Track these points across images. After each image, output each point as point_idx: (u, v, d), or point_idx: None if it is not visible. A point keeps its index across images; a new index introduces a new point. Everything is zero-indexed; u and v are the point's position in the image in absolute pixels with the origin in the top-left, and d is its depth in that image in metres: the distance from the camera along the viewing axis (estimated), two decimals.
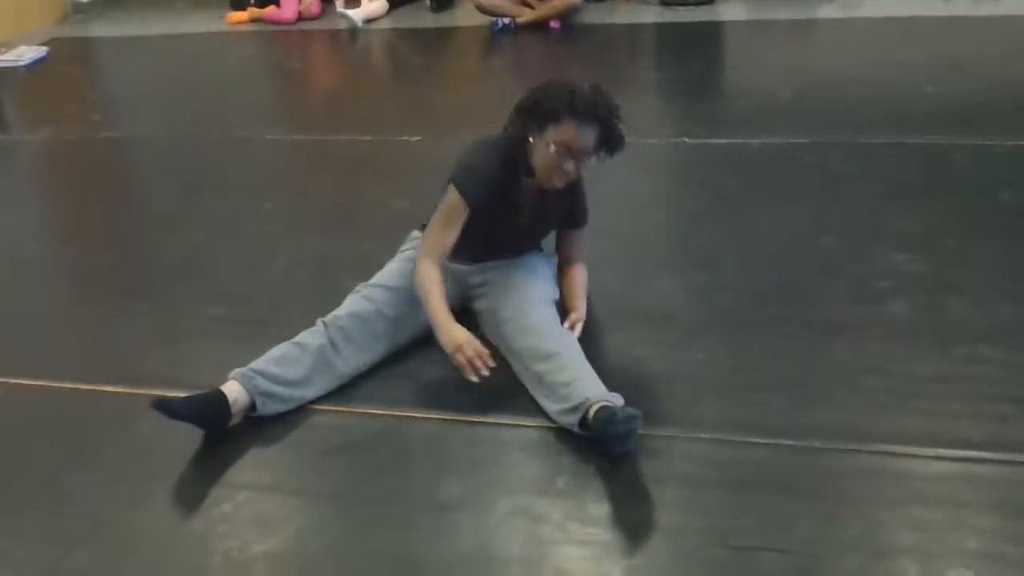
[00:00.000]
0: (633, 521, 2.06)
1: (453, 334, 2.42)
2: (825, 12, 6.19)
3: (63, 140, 4.83)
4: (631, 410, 2.18)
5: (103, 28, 7.25)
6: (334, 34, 6.58)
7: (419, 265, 2.55)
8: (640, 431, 2.19)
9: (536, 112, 2.49)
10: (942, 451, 2.16)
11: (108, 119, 5.13)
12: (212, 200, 3.94)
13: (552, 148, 2.45)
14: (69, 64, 6.45)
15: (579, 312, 2.66)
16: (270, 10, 6.86)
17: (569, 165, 2.48)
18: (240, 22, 6.91)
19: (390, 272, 2.73)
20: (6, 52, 6.40)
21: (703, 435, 2.28)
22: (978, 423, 2.25)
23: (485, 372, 2.38)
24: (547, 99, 2.47)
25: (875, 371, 2.47)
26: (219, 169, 4.32)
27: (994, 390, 2.37)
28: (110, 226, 3.78)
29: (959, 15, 5.82)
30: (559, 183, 2.53)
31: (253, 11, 6.93)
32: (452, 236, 2.55)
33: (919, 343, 2.58)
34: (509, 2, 6.17)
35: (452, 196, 2.54)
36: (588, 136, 2.46)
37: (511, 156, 2.57)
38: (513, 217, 2.64)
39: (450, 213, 2.55)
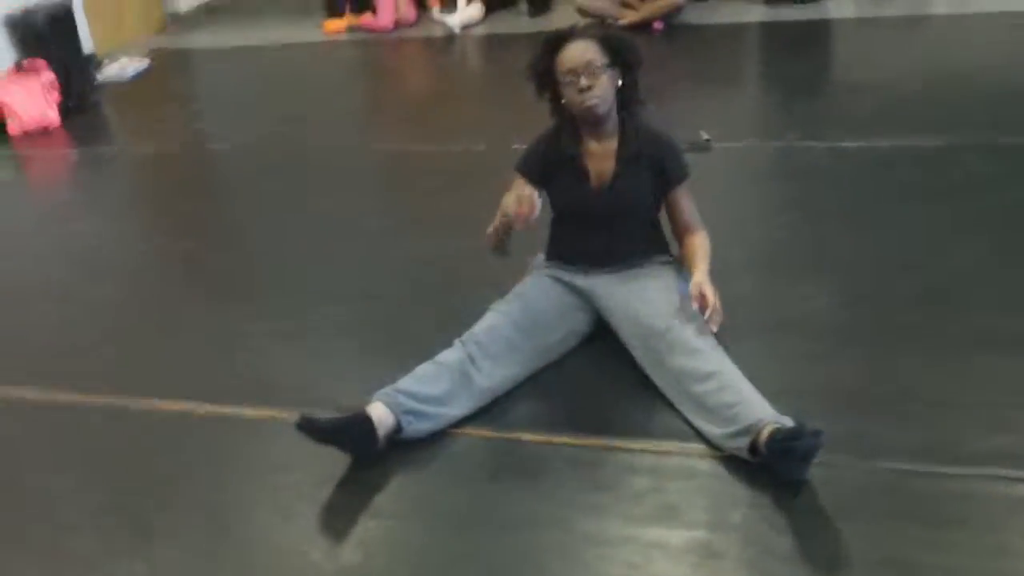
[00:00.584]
0: (821, 557, 1.93)
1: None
2: (938, 8, 5.95)
3: (169, 152, 4.85)
4: (814, 427, 2.04)
5: (202, 39, 7.31)
6: (432, 40, 6.53)
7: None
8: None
9: (537, 69, 2.56)
10: None
11: (212, 129, 5.14)
12: (322, 204, 3.94)
13: (563, 80, 2.49)
14: (170, 75, 6.52)
15: (699, 281, 2.45)
16: (367, 17, 6.84)
17: (582, 82, 2.46)
18: (337, 30, 6.90)
19: (523, 287, 2.67)
20: (109, 64, 6.48)
21: (882, 463, 2.13)
22: None
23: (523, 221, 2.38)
24: (535, 55, 2.58)
25: None
26: (326, 179, 4.27)
27: None
28: (227, 230, 3.83)
29: None
30: (589, 102, 2.49)
31: (350, 19, 6.92)
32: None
33: None
34: (610, 3, 6.04)
35: (517, 181, 2.61)
36: (580, 48, 2.48)
37: (559, 127, 2.63)
38: (590, 184, 2.59)
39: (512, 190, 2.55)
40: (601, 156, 2.60)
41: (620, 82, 2.55)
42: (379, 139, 4.69)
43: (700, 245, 2.59)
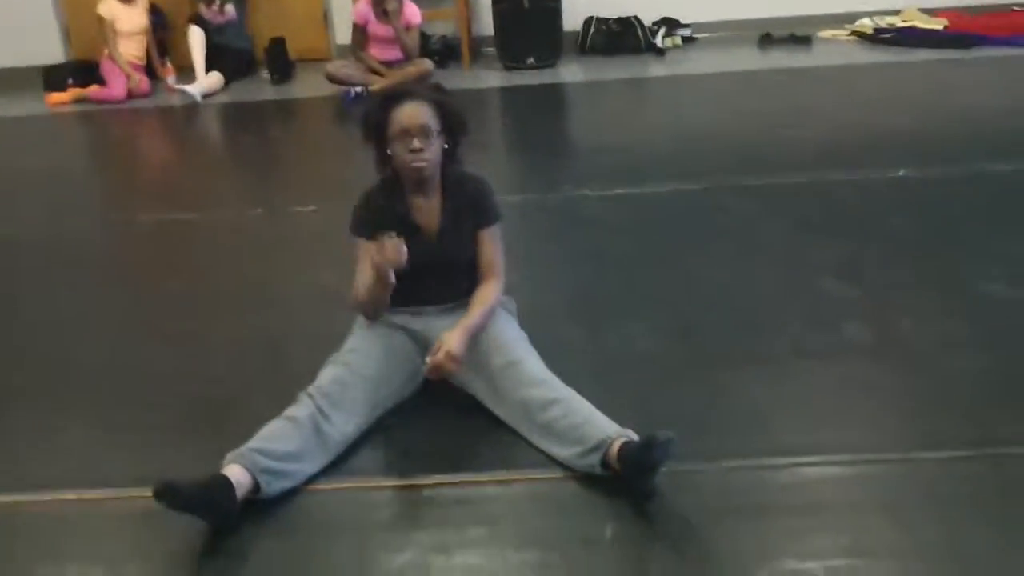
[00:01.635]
0: (696, 554, 2.06)
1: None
2: (656, 70, 6.57)
3: None
4: (667, 432, 2.16)
5: None
6: (170, 111, 6.31)
7: (354, 298, 2.63)
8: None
9: (369, 127, 2.65)
10: (936, 453, 2.31)
11: None
12: (110, 291, 3.67)
13: (394, 137, 2.58)
14: None
15: (448, 343, 2.51)
16: (95, 89, 6.49)
17: (414, 144, 2.56)
18: (62, 103, 6.49)
19: (355, 339, 2.66)
20: None
21: (720, 463, 2.31)
22: (975, 426, 2.42)
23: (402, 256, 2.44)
24: (369, 110, 2.68)
25: (857, 386, 2.62)
26: (102, 259, 4.01)
27: (979, 394, 2.56)
28: (11, 330, 3.40)
29: (779, 66, 6.33)
30: (417, 164, 2.58)
31: (75, 91, 6.53)
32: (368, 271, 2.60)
33: (886, 361, 2.76)
34: (358, 71, 6.15)
35: (358, 242, 2.65)
36: (416, 110, 2.57)
37: (389, 183, 2.70)
38: (420, 235, 2.65)
39: (360, 254, 2.63)
40: (426, 210, 2.67)
41: (446, 146, 2.65)
42: (148, 211, 4.46)
43: (480, 299, 2.66)
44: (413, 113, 2.56)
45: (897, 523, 2.12)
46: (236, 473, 2.22)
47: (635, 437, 2.25)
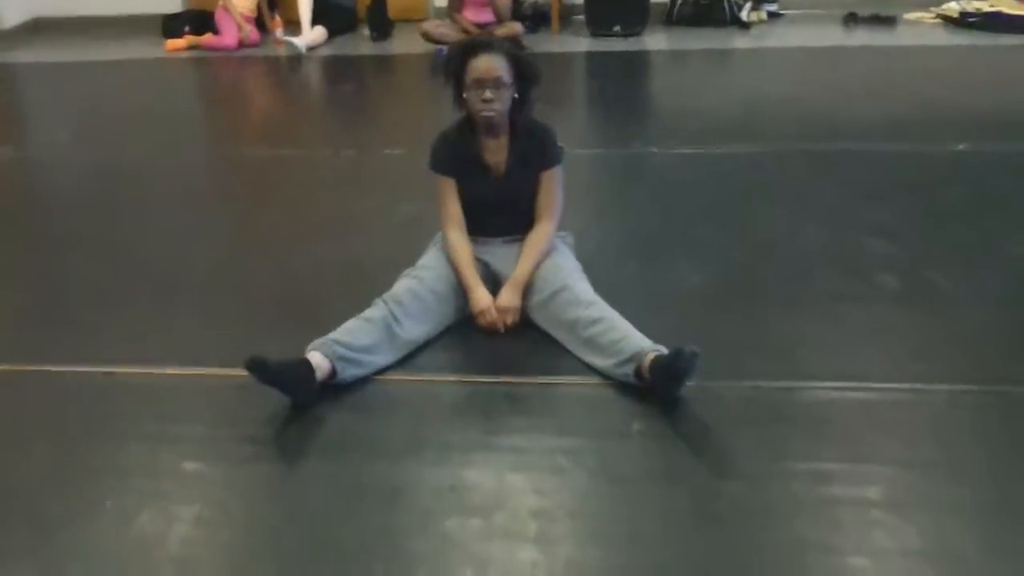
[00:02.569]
0: (708, 454, 2.36)
1: (480, 299, 2.88)
2: (740, 43, 6.74)
3: (31, 160, 4.84)
4: (693, 347, 2.43)
5: (30, 55, 7.18)
6: (277, 60, 6.74)
7: (445, 235, 2.97)
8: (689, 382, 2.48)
9: (449, 71, 2.91)
10: (941, 386, 2.57)
11: (75, 141, 5.13)
12: (218, 210, 4.11)
13: (469, 85, 2.85)
14: (8, 89, 6.39)
15: (506, 295, 2.87)
16: (208, 37, 6.96)
17: (486, 94, 2.83)
18: (178, 49, 6.98)
19: (430, 257, 3.00)
20: None
21: (747, 383, 2.59)
22: (973, 365, 2.66)
23: (502, 331, 2.85)
24: (450, 55, 2.93)
25: (880, 329, 2.87)
26: (212, 185, 4.46)
27: (982, 339, 2.79)
28: (134, 240, 3.86)
29: (860, 44, 6.46)
30: (487, 113, 2.86)
31: (191, 38, 7.01)
32: (454, 205, 2.99)
33: (910, 306, 3.00)
34: (452, 30, 6.48)
35: (436, 180, 3.01)
36: (491, 63, 2.82)
37: (463, 125, 2.99)
38: (489, 173, 2.96)
39: (441, 189, 3.00)
40: (495, 150, 2.97)
41: (516, 95, 2.91)
42: (257, 147, 4.88)
43: (533, 242, 2.94)
44: (488, 65, 2.82)
45: (898, 440, 2.38)
46: (316, 359, 2.58)
47: (666, 352, 2.52)
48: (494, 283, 2.97)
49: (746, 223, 3.67)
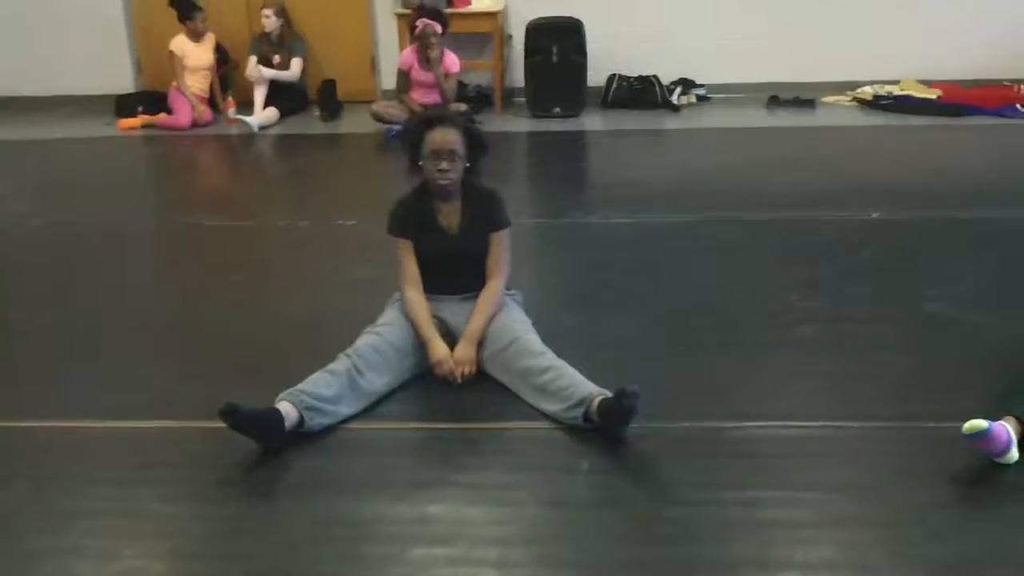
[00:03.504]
0: (651, 484, 2.62)
1: (436, 350, 3.09)
2: (671, 123, 7.14)
3: None
4: (634, 386, 2.68)
5: None
6: (230, 138, 6.95)
7: (404, 293, 3.21)
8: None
9: (407, 141, 3.26)
10: (854, 423, 2.85)
11: (34, 209, 5.26)
12: (181, 274, 4.31)
13: (426, 155, 3.13)
14: None
15: (462, 348, 3.08)
16: (162, 116, 7.16)
17: (442, 164, 3.11)
18: (132, 127, 7.16)
19: (389, 315, 3.21)
20: None
21: (682, 423, 2.84)
22: (883, 404, 2.94)
23: (459, 381, 3.04)
24: (409, 127, 3.30)
25: (802, 373, 3.15)
26: (174, 250, 4.67)
27: (892, 381, 3.08)
28: (100, 298, 4.01)
29: (782, 125, 6.90)
30: (442, 181, 3.14)
31: (145, 118, 7.20)
32: (412, 265, 3.22)
33: (829, 352, 3.30)
34: (401, 111, 6.77)
35: (395, 242, 3.24)
36: (447, 136, 3.12)
37: (419, 191, 3.26)
38: (443, 234, 3.22)
39: (399, 251, 3.24)
40: (449, 213, 3.23)
41: (468, 164, 3.21)
42: (213, 218, 5.05)
43: (485, 299, 3.17)
44: (444, 138, 3.13)
45: (818, 469, 2.64)
46: (286, 407, 2.78)
47: (610, 395, 2.77)
48: (451, 338, 3.18)
49: (678, 281, 3.96)
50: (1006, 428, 2.52)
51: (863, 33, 7.32)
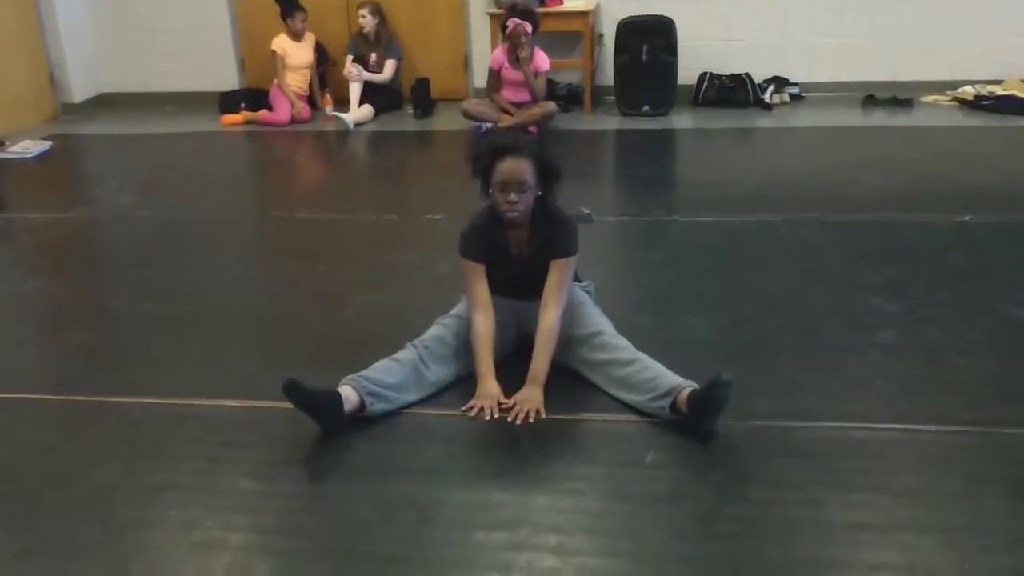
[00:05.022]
0: (720, 479, 2.63)
1: (487, 386, 3.00)
2: (763, 122, 7.06)
3: (100, 218, 5.25)
4: (728, 375, 2.69)
5: (95, 127, 7.67)
6: (326, 135, 7.16)
7: (472, 318, 3.12)
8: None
9: (477, 168, 3.09)
10: (929, 427, 2.81)
11: (139, 202, 5.53)
12: (273, 265, 4.49)
13: (495, 185, 3.03)
14: (75, 157, 6.87)
15: (527, 390, 2.96)
16: (263, 113, 7.42)
17: (511, 196, 3.00)
18: (234, 123, 7.44)
19: (461, 307, 3.27)
20: (11, 145, 6.78)
21: (755, 422, 2.85)
22: (960, 408, 2.90)
23: (487, 417, 2.90)
24: (479, 155, 3.10)
25: (878, 376, 3.12)
26: (268, 242, 4.86)
27: (972, 386, 3.03)
28: (197, 287, 4.22)
29: (878, 125, 6.76)
30: (511, 214, 3.04)
31: (247, 114, 7.48)
32: (481, 288, 3.13)
33: (908, 356, 3.25)
34: (491, 110, 6.87)
35: (462, 262, 3.18)
36: (517, 167, 3.00)
37: (490, 216, 3.15)
38: (512, 259, 3.17)
39: (468, 274, 3.16)
40: (519, 240, 3.18)
41: (540, 193, 3.09)
42: (306, 211, 5.25)
43: (543, 337, 3.04)
44: (514, 168, 3.00)
45: (887, 473, 2.62)
46: (347, 392, 2.89)
47: (698, 387, 2.79)
48: (518, 332, 3.22)
49: (756, 282, 3.94)
50: None
51: (964, 31, 7.13)
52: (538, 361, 3.03)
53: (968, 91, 7.03)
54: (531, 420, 2.87)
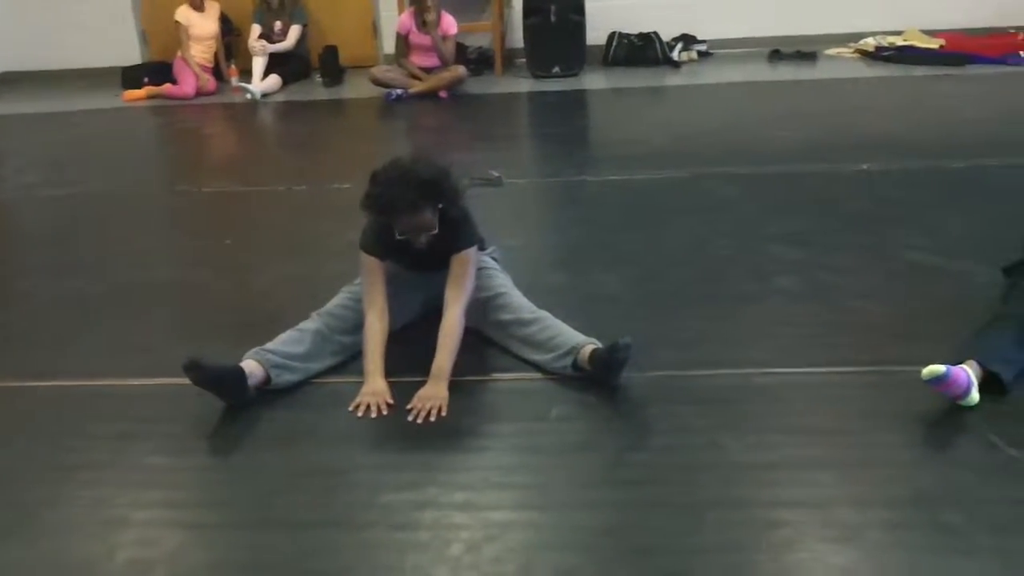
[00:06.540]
0: (630, 427, 2.69)
1: (374, 383, 2.88)
2: (672, 80, 7.14)
3: (4, 198, 5.10)
4: (627, 339, 2.74)
5: None
6: (233, 106, 7.04)
7: (365, 317, 3.00)
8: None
9: (375, 228, 3.03)
10: (828, 369, 2.90)
11: (44, 180, 5.38)
12: (180, 239, 4.41)
13: (397, 232, 2.95)
14: None
15: (431, 387, 2.82)
16: (167, 86, 7.25)
17: (419, 240, 2.94)
18: (138, 98, 7.26)
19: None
20: None
21: (659, 373, 2.90)
22: (857, 350, 2.98)
23: (373, 414, 2.78)
24: (371, 224, 3.03)
25: (779, 322, 3.20)
26: (175, 217, 4.77)
27: (869, 328, 3.12)
28: (105, 265, 4.10)
29: (783, 79, 6.90)
30: (419, 246, 2.97)
31: (151, 88, 7.30)
32: (378, 290, 3.01)
33: (808, 302, 3.34)
34: (400, 76, 6.82)
35: (362, 257, 3.05)
36: (415, 222, 2.90)
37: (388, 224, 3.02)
38: (413, 253, 3.06)
39: (366, 271, 3.05)
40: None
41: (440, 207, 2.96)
42: (213, 184, 5.18)
43: (447, 334, 2.92)
44: (413, 224, 2.92)
45: (785, 413, 2.69)
46: (250, 365, 2.85)
47: (599, 345, 2.84)
48: (425, 296, 3.18)
49: (665, 237, 4.00)
50: (966, 372, 2.56)
51: None
52: (441, 358, 2.91)
53: (870, 43, 7.20)
54: (432, 419, 2.74)
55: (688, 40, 7.43)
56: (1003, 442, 2.47)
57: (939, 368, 2.51)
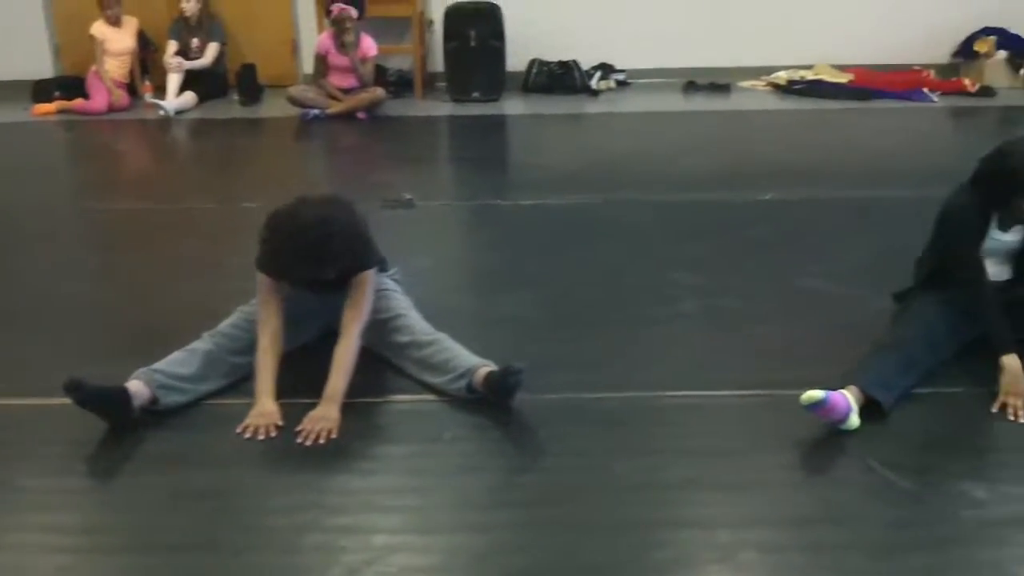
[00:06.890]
0: (527, 449, 2.70)
1: (264, 405, 2.83)
2: (590, 108, 7.22)
3: None
4: (520, 364, 2.76)
5: None
6: (146, 123, 6.91)
7: (259, 338, 2.93)
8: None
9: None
10: (722, 392, 2.94)
11: None
12: (82, 258, 4.31)
13: None
14: None
15: (323, 409, 2.79)
16: (79, 101, 7.09)
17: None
18: (48, 113, 7.08)
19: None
20: None
21: (557, 395, 2.91)
22: (751, 373, 3.04)
23: (261, 436, 2.74)
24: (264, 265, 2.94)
25: (679, 346, 3.25)
26: (79, 235, 4.68)
27: (762, 352, 3.19)
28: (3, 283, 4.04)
29: (698, 109, 7.04)
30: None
31: (61, 103, 7.13)
32: (273, 312, 2.94)
33: (707, 327, 3.40)
34: (318, 95, 6.78)
35: (259, 276, 2.97)
36: (319, 276, 2.87)
37: None
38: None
39: (262, 290, 2.97)
40: None
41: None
42: (121, 202, 5.07)
43: (342, 356, 2.88)
44: (307, 283, 2.93)
45: (678, 435, 2.74)
46: (136, 386, 2.79)
47: (494, 367, 2.84)
48: (322, 322, 3.14)
49: (574, 261, 4.03)
50: (845, 397, 2.63)
51: (778, 19, 7.49)
52: (335, 380, 2.86)
53: (781, 76, 7.40)
54: (322, 441, 2.70)
55: (607, 69, 7.54)
56: (881, 466, 2.54)
57: (817, 394, 2.57)
